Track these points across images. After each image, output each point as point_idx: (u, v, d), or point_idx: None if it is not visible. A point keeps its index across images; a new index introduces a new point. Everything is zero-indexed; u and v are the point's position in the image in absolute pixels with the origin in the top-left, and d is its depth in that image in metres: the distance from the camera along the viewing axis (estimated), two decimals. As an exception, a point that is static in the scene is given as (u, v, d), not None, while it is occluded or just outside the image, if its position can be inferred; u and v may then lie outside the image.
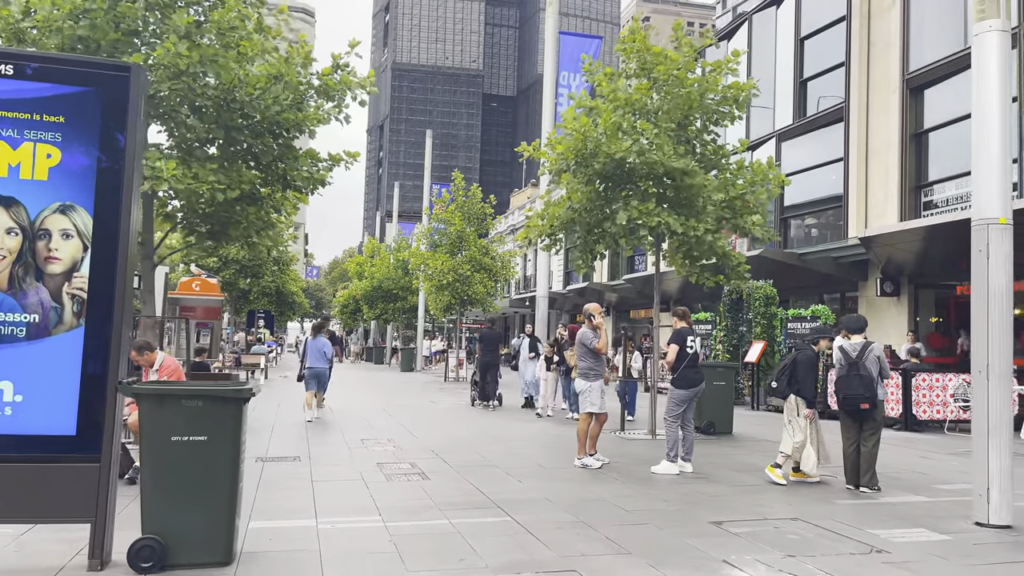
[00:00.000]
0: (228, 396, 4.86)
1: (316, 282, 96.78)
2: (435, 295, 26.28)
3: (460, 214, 25.82)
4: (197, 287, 15.78)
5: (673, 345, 8.70)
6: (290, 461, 9.06)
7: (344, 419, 13.71)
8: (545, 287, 18.11)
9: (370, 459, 9.30)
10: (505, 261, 26.83)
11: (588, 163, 11.29)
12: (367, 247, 48.21)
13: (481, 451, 10.09)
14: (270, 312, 42.77)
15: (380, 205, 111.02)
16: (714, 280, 12.38)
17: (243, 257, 28.45)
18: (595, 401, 8.76)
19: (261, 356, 24.42)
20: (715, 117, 11.89)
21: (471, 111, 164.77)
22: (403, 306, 38.47)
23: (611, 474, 8.52)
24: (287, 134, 10.75)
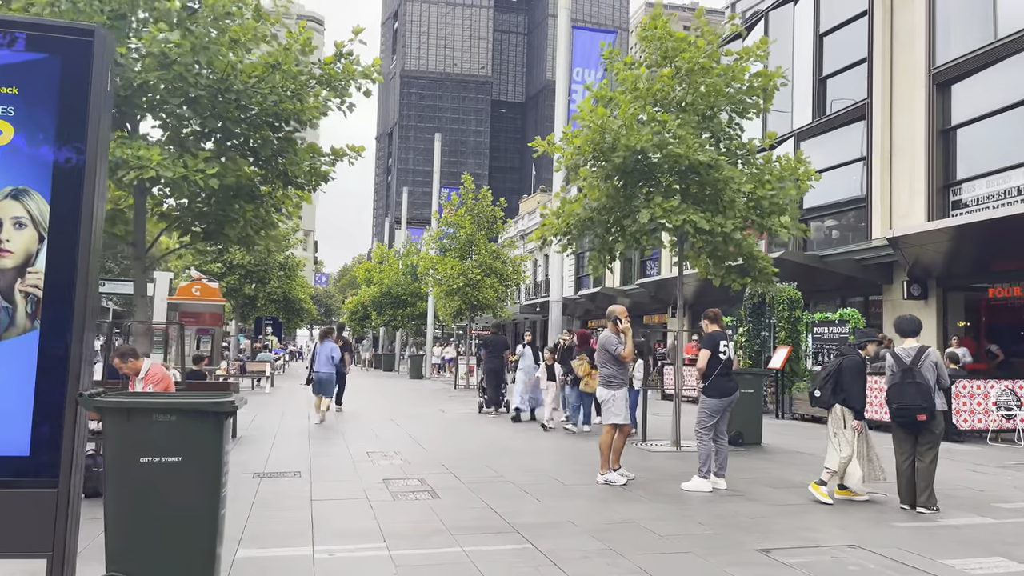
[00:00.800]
0: (206, 410, 4.19)
1: (325, 289, 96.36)
2: (444, 300, 25.62)
3: (470, 217, 25.18)
4: (198, 292, 15.15)
5: (705, 350, 7.98)
6: (289, 477, 8.39)
7: (350, 429, 13.04)
8: (559, 291, 17.42)
9: (376, 474, 8.61)
10: (516, 265, 26.17)
11: (606, 157, 10.62)
12: (376, 253, 47.67)
13: (494, 465, 9.39)
14: (278, 319, 42.22)
15: (389, 212, 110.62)
16: (740, 282, 11.65)
17: (248, 262, 27.87)
18: (619, 411, 8.05)
19: (266, 364, 23.81)
20: (741, 108, 11.19)
21: (480, 118, 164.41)
22: (412, 312, 37.83)
23: (637, 492, 7.81)
24: (287, 126, 10.13)
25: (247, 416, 14.70)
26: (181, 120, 9.42)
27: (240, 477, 8.24)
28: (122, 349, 7.49)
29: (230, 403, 4.22)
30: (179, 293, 15.43)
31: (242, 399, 4.73)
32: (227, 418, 4.30)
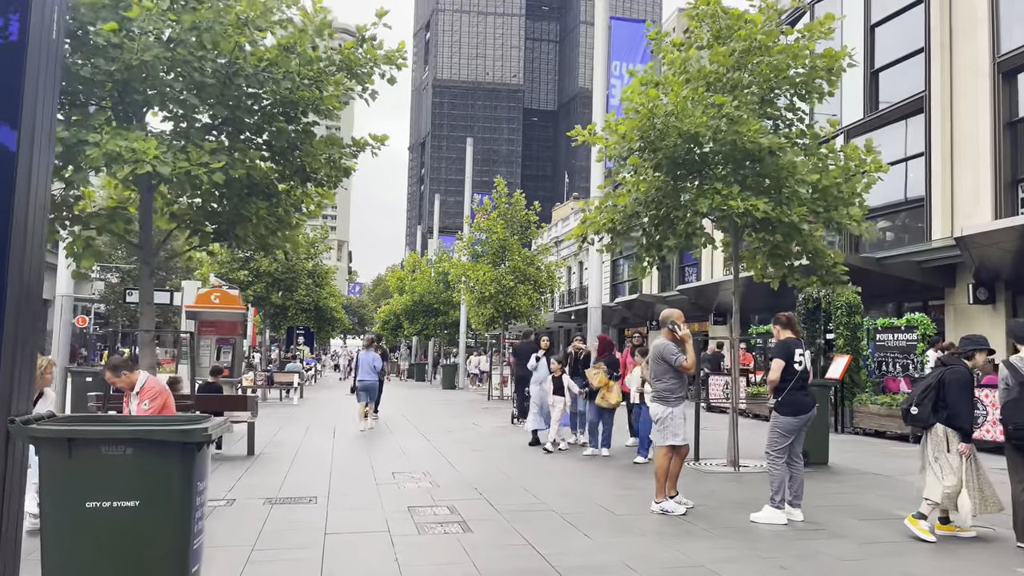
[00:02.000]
0: (169, 440, 3.27)
1: (359, 299, 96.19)
2: (477, 308, 24.70)
3: (503, 222, 24.26)
4: (216, 299, 14.42)
5: (777, 360, 6.91)
6: (304, 503, 7.48)
7: (375, 445, 12.13)
8: (598, 296, 16.38)
9: (400, 500, 7.67)
10: (551, 271, 25.17)
11: (654, 146, 9.62)
12: (408, 261, 46.98)
13: (532, 488, 8.39)
14: (309, 329, 41.67)
15: (422, 221, 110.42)
16: (805, 282, 10.50)
17: (275, 270, 27.20)
18: (677, 431, 7.01)
19: (295, 374, 23.09)
20: (805, 91, 10.10)
21: (512, 126, 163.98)
22: (445, 321, 36.98)
23: (700, 524, 6.75)
24: (304, 117, 9.29)
25: (269, 431, 13.89)
26: (191, 111, 8.63)
27: (248, 504, 7.36)
28: (114, 361, 6.67)
29: (200, 431, 3.29)
30: (197, 301, 14.73)
31: (225, 425, 3.82)
32: (199, 449, 3.37)
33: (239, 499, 7.61)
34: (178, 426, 3.36)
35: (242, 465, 9.85)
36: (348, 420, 16.55)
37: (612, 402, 10.86)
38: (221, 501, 7.47)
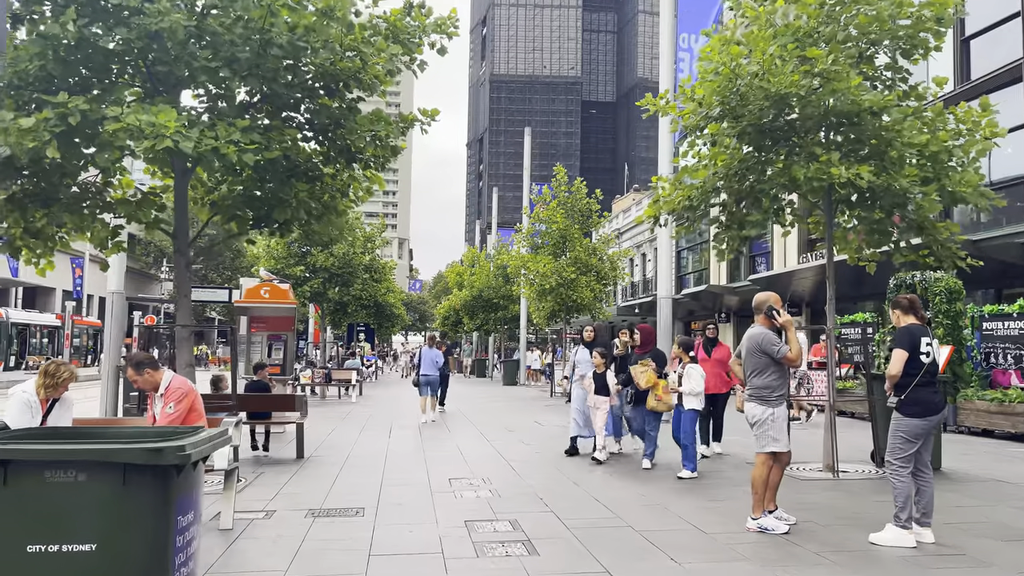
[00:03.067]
0: (136, 463, 2.44)
1: (419, 296, 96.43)
2: (538, 302, 23.81)
3: (563, 211, 23.29)
4: (266, 293, 13.86)
5: (899, 351, 5.78)
6: (350, 516, 6.69)
7: (432, 446, 11.34)
8: (667, 286, 15.27)
9: (457, 512, 6.81)
10: (614, 262, 24.08)
11: (737, 112, 8.53)
12: (466, 256, 46.43)
13: (605, 499, 7.43)
14: (369, 326, 41.46)
15: (481, 217, 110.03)
16: (916, 257, 9.19)
17: (332, 264, 26.77)
18: (779, 435, 5.96)
19: (353, 371, 22.59)
20: (909, 46, 8.84)
21: (570, 119, 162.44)
22: (504, 316, 36.24)
23: (807, 545, 5.69)
24: (348, 92, 8.51)
25: (323, 431, 13.26)
26: (225, 87, 7.94)
27: (288, 517, 6.60)
28: (137, 357, 5.97)
29: (174, 450, 2.46)
30: (246, 296, 14.19)
31: (222, 437, 2.98)
32: (179, 472, 2.53)
33: (280, 510, 6.87)
34: (148, 443, 2.53)
35: (289, 470, 9.16)
36: (405, 419, 15.86)
37: (665, 404, 9.02)
38: (259, 513, 6.74)
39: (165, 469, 2.48)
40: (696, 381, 8.58)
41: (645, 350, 9.78)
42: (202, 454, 2.64)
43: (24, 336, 40.41)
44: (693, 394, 8.55)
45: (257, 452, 10.40)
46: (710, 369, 9.98)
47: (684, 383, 8.60)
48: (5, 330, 36.93)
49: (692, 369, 8.64)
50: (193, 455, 2.51)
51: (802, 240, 28.19)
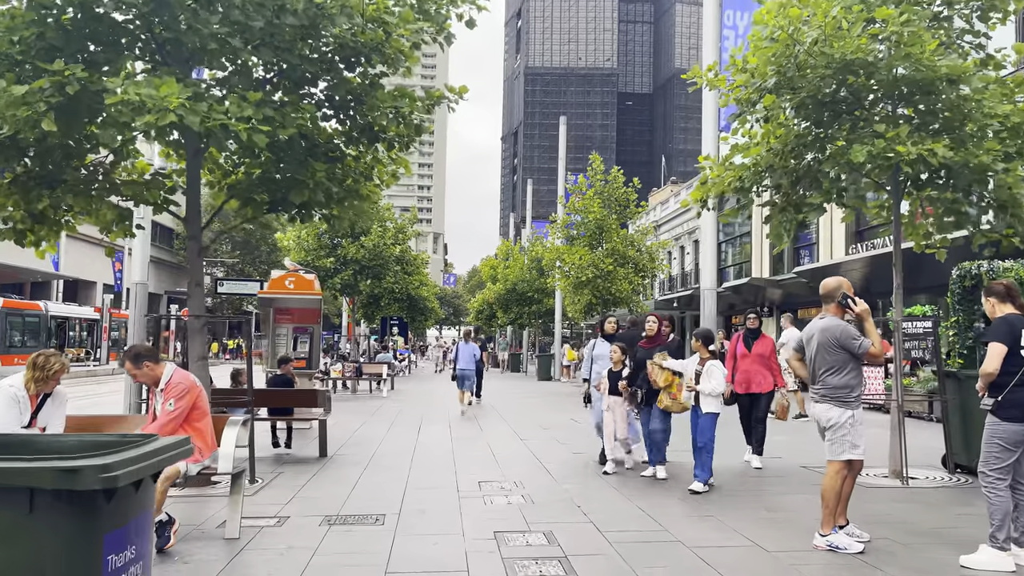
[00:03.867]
0: (42, 488, 1.83)
1: (453, 290, 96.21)
2: (573, 295, 23.11)
3: (599, 201, 22.53)
4: (291, 284, 13.37)
5: (996, 345, 4.98)
6: (369, 524, 6.09)
7: (463, 444, 10.73)
8: (712, 277, 14.46)
9: (486, 521, 6.18)
10: (652, 253, 23.26)
11: (794, 83, 7.75)
12: (500, 249, 45.81)
13: (651, 509, 6.74)
14: (402, 319, 41.11)
15: (516, 210, 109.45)
16: (999, 236, 8.30)
17: (362, 256, 26.30)
18: (858, 441, 5.22)
19: (384, 366, 22.13)
20: (988, 5, 7.97)
21: (606, 111, 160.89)
22: (539, 310, 35.56)
23: (888, 568, 4.94)
24: (371, 68, 7.90)
25: (350, 427, 12.75)
26: (239, 61, 7.39)
27: (302, 525, 6.03)
28: (135, 349, 5.44)
29: (96, 471, 1.84)
30: (270, 286, 13.72)
31: (180, 449, 2.37)
32: (109, 498, 1.92)
33: (294, 516, 6.31)
34: (63, 461, 1.91)
35: (309, 470, 8.61)
36: (435, 414, 15.30)
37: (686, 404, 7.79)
38: (271, 520, 6.18)
39: (87, 495, 1.88)
40: (718, 380, 7.38)
41: (656, 343, 8.22)
42: (142, 473, 2.04)
43: (63, 329, 40.83)
44: (713, 395, 7.38)
45: (279, 449, 9.90)
46: (750, 365, 8.96)
47: (703, 382, 7.39)
48: (44, 323, 37.27)
49: (713, 366, 7.46)
50: (122, 476, 1.91)
51: (850, 231, 27.09)
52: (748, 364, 8.96)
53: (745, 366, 9.01)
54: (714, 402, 7.41)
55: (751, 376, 8.92)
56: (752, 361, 8.98)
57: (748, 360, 8.99)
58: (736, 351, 9.20)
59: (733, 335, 9.69)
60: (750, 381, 8.93)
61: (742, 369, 9.01)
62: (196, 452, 5.39)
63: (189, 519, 6.13)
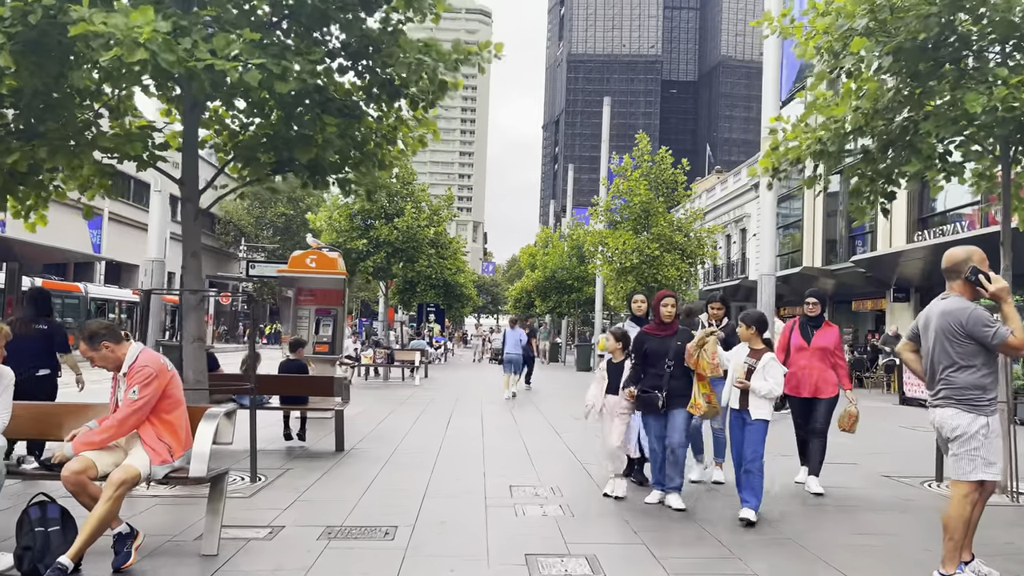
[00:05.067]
0: None
1: (492, 278, 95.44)
2: (615, 282, 21.93)
3: (645, 182, 21.28)
4: (313, 262, 12.48)
5: None
6: (377, 538, 5.10)
7: (496, 441, 9.72)
8: (771, 261, 13.20)
9: (516, 539, 5.15)
10: (701, 239, 21.95)
11: (887, 27, 6.53)
12: (540, 236, 44.69)
13: (718, 521, 5.65)
14: (439, 306, 40.32)
15: (556, 198, 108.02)
16: None
17: (396, 238, 25.39)
18: (994, 458, 4.05)
19: (417, 352, 21.26)
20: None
21: (649, 99, 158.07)
22: (578, 298, 34.42)
23: (1035, 623, 3.79)
24: (393, 11, 6.88)
25: (375, 417, 11.84)
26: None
27: (298, 538, 5.06)
28: (91, 327, 4.50)
29: None
30: (291, 265, 12.85)
31: None
32: None
33: (290, 526, 5.35)
34: None
35: (321, 466, 7.68)
36: (468, 405, 14.33)
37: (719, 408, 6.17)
38: (262, 530, 5.23)
39: None
40: (777, 379, 5.71)
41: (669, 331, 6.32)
42: None
43: (103, 311, 40.90)
44: (769, 397, 5.68)
45: (291, 442, 9.00)
46: (809, 361, 6.95)
47: (755, 379, 5.67)
48: (84, 305, 37.29)
49: (772, 361, 5.76)
50: None
51: (912, 218, 25.46)
52: (806, 360, 6.96)
53: (802, 362, 6.96)
54: (767, 407, 5.69)
55: (810, 375, 6.92)
56: (812, 356, 6.98)
57: (806, 355, 6.99)
58: (790, 343, 7.17)
59: (786, 323, 7.57)
60: (808, 382, 6.92)
61: (798, 366, 6.94)
62: (164, 451, 4.45)
63: (167, 527, 5.22)
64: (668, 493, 6.21)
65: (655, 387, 6.17)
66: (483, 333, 38.38)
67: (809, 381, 6.93)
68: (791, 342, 7.13)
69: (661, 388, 6.13)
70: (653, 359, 6.25)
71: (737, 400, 5.77)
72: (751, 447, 5.65)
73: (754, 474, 5.65)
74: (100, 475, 4.27)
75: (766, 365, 5.70)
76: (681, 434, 6.14)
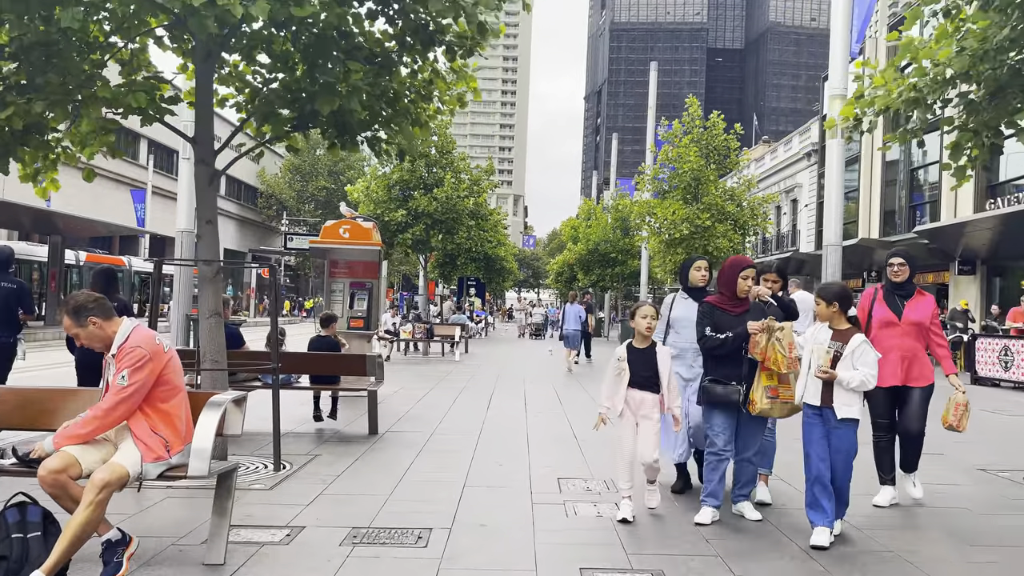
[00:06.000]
0: None
1: (532, 252, 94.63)
2: (663, 254, 20.98)
3: (696, 148, 20.21)
4: (346, 232, 11.84)
5: None
6: (407, 545, 4.44)
7: (540, 424, 9.02)
8: (836, 229, 12.13)
9: (568, 551, 4.44)
10: (755, 209, 20.85)
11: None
12: (582, 208, 43.67)
13: (804, 537, 4.88)
14: (480, 280, 39.76)
15: (598, 170, 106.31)
16: None
17: (435, 209, 24.69)
18: None
19: (457, 327, 20.67)
20: None
21: (694, 67, 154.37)
22: (622, 272, 33.46)
23: None
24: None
25: (413, 396, 11.25)
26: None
27: (319, 543, 4.43)
28: (76, 300, 3.87)
29: None
30: (323, 235, 12.23)
31: None
32: None
33: (310, 527, 4.72)
34: None
35: (351, 452, 7.07)
36: (509, 382, 13.67)
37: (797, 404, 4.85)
38: (280, 531, 4.61)
39: None
40: (871, 367, 4.55)
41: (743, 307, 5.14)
42: None
43: (147, 284, 41.26)
44: (860, 390, 4.56)
45: (322, 424, 8.42)
46: (900, 340, 5.51)
47: (842, 367, 4.53)
48: (128, 278, 37.58)
49: (864, 344, 4.61)
50: None
51: (980, 186, 23.95)
52: (896, 338, 5.50)
53: (891, 341, 5.48)
54: (857, 403, 4.58)
55: (902, 359, 5.51)
56: (903, 334, 5.52)
57: (896, 332, 5.52)
58: (871, 317, 5.66)
59: (865, 290, 5.96)
60: (899, 367, 5.49)
61: (885, 347, 5.38)
62: (159, 446, 3.82)
63: (175, 526, 4.63)
64: (738, 502, 5.22)
65: (731, 377, 4.98)
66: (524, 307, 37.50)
67: (899, 366, 5.48)
68: (873, 316, 5.64)
69: (740, 379, 4.97)
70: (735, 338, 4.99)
71: (817, 395, 4.59)
72: (841, 455, 4.54)
73: (843, 490, 4.61)
74: (85, 474, 3.67)
75: (856, 350, 4.56)
76: (759, 437, 5.18)
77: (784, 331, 4.80)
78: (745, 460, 5.16)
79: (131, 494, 4.90)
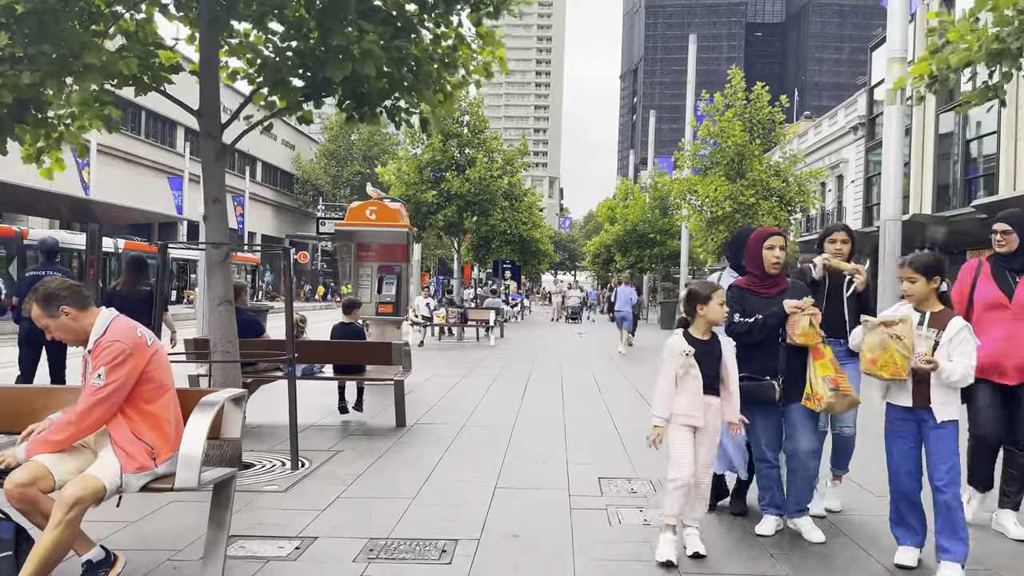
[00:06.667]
0: None
1: (568, 234, 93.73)
2: (705, 233, 20.22)
3: (740, 123, 19.34)
4: (373, 214, 11.36)
5: None
6: (429, 560, 3.94)
7: (580, 416, 8.47)
8: (896, 203, 11.38)
9: (614, 565, 3.91)
10: (802, 184, 19.94)
11: None
12: (619, 188, 42.82)
13: (873, 541, 4.27)
14: (515, 263, 39.24)
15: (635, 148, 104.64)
16: None
17: (467, 191, 24.13)
18: None
19: (492, 311, 20.17)
20: None
21: (733, 43, 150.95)
22: (661, 252, 32.67)
23: None
24: None
25: (444, 384, 10.79)
26: None
27: (332, 557, 3.95)
28: (47, 287, 3.40)
29: None
30: (349, 217, 11.76)
31: None
32: None
33: (323, 538, 4.25)
34: None
35: (376, 448, 6.60)
36: (546, 369, 13.14)
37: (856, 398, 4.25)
38: (288, 545, 4.14)
39: None
40: (971, 358, 3.73)
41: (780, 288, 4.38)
42: None
43: (185, 271, 41.53)
44: (960, 385, 3.76)
45: (347, 415, 7.98)
46: (1010, 326, 4.37)
47: (940, 356, 3.71)
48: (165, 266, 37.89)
49: (967, 331, 3.79)
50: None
51: (1042, 158, 22.63)
52: (1006, 324, 4.39)
53: (999, 329, 4.40)
54: (955, 400, 3.81)
55: (1015, 349, 4.36)
56: (1015, 318, 4.37)
57: (1006, 316, 4.41)
58: (973, 298, 4.54)
59: (966, 263, 4.68)
60: (1012, 359, 4.36)
61: (991, 335, 4.37)
62: (142, 453, 3.36)
63: (173, 538, 4.20)
64: (794, 517, 4.37)
65: (766, 370, 4.27)
66: (560, 289, 36.76)
67: (1013, 358, 4.34)
68: (976, 297, 4.51)
69: (776, 372, 4.26)
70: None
71: (907, 393, 3.79)
72: (945, 462, 3.70)
73: (954, 508, 3.69)
74: (58, 486, 3.22)
75: (955, 336, 3.71)
76: (812, 437, 4.28)
77: (903, 325, 3.75)
78: (798, 465, 4.29)
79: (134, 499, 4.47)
